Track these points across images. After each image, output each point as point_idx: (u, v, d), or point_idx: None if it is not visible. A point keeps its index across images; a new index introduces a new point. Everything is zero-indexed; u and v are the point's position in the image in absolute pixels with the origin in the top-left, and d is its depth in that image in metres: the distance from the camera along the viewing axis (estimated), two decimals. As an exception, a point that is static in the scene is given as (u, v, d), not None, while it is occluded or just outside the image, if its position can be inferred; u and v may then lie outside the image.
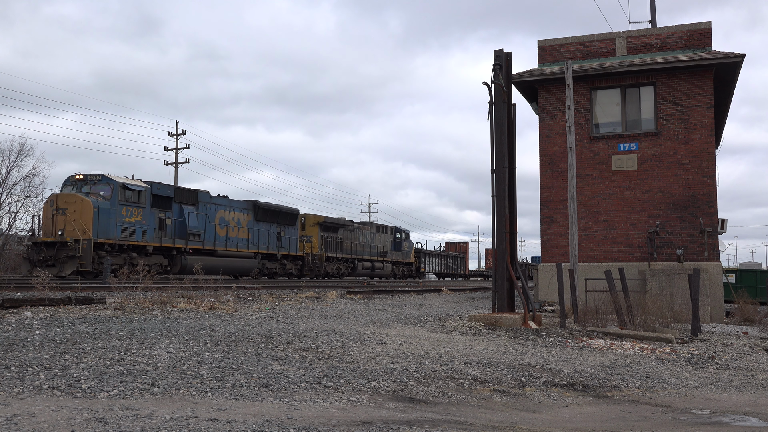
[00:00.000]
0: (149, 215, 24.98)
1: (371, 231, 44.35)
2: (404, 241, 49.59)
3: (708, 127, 17.58)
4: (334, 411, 4.48)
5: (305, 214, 37.33)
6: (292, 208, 34.79)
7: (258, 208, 31.30)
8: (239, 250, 29.53)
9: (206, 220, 27.78)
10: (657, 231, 17.52)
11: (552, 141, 18.82)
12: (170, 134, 48.63)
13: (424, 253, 56.72)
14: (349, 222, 41.26)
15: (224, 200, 29.41)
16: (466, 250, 72.49)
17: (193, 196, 27.39)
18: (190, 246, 26.59)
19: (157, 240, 25.17)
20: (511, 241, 12.47)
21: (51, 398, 4.36)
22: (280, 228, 33.01)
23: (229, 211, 29.52)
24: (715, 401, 5.95)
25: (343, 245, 39.78)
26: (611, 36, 19.38)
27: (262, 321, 10.13)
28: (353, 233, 41.33)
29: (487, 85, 12.54)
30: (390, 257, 46.52)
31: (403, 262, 49.51)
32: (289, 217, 33.83)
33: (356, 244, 41.38)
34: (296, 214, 34.76)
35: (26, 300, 11.12)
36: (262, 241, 31.29)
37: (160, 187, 25.70)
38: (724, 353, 9.30)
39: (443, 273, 62.12)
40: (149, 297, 12.32)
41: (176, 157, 48.35)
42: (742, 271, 28.60)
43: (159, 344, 6.95)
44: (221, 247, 28.41)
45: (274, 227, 32.39)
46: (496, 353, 7.86)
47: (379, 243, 45.08)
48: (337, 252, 38.88)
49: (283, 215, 33.31)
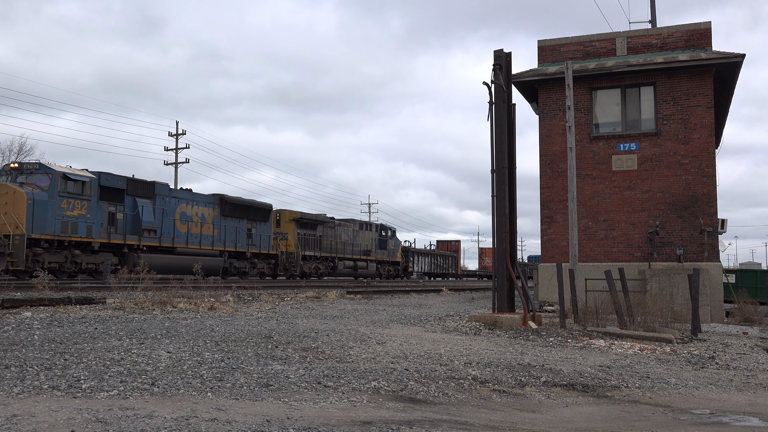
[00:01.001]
0: (96, 209, 22.70)
1: (354, 228, 42.37)
2: (390, 239, 47.71)
3: (708, 127, 17.58)
4: (334, 411, 4.48)
5: (280, 210, 35.63)
6: (264, 203, 32.58)
7: (225, 202, 29.24)
8: (202, 247, 27.33)
9: (164, 215, 25.55)
10: (657, 231, 17.52)
11: (552, 141, 18.81)
12: (170, 134, 48.68)
13: (412, 251, 54.95)
14: (329, 219, 39.44)
15: (186, 194, 27.44)
16: (458, 248, 70.83)
17: (149, 188, 25.21)
18: (145, 243, 24.34)
19: (105, 236, 22.83)
20: (511, 241, 12.47)
21: (51, 398, 4.36)
22: (251, 224, 30.83)
23: (192, 205, 27.39)
24: (715, 401, 5.95)
25: (323, 243, 37.82)
26: (611, 36, 19.38)
27: (262, 321, 10.13)
28: (334, 230, 39.39)
29: (487, 85, 12.54)
30: (375, 256, 44.54)
31: (389, 261, 47.53)
32: (261, 213, 31.65)
33: (337, 242, 39.46)
34: (269, 210, 32.52)
35: (26, 300, 11.12)
36: (230, 237, 29.20)
37: (109, 178, 23.48)
38: (724, 353, 9.30)
39: (433, 273, 60.02)
40: (149, 297, 12.32)
41: (176, 157, 48.37)
42: (742, 271, 28.59)
43: (159, 344, 6.95)
44: (181, 244, 26.17)
45: (243, 223, 30.27)
46: (496, 353, 7.85)
47: (362, 241, 43.12)
48: (315, 250, 36.91)
49: (254, 211, 31.20)
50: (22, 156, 46.88)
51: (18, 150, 47.68)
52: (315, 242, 36.94)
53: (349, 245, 41.02)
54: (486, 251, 79.17)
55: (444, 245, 69.99)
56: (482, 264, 78.79)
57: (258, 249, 31.15)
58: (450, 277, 64.17)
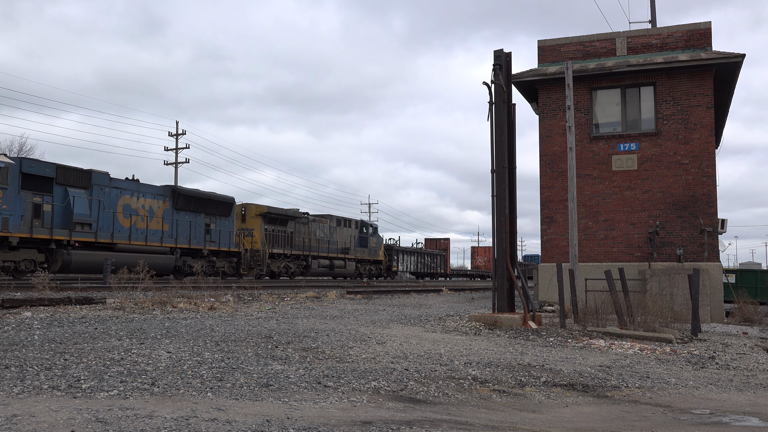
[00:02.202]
0: (15, 199, 19.98)
1: (330, 225, 39.73)
2: (371, 237, 44.74)
3: (708, 127, 17.58)
4: (334, 411, 4.48)
5: (245, 204, 33.25)
6: (225, 195, 30.07)
7: (178, 194, 26.78)
8: (149, 243, 24.60)
9: (101, 207, 22.91)
10: (657, 231, 17.52)
11: (552, 141, 18.82)
12: (170, 134, 48.71)
13: (397, 250, 51.93)
14: (302, 214, 36.83)
15: (131, 184, 24.72)
16: (448, 247, 67.40)
17: (84, 177, 22.46)
18: (77, 238, 21.60)
19: (26, 230, 20.11)
20: (511, 241, 12.47)
21: (51, 398, 4.36)
22: (210, 219, 28.32)
23: (138, 197, 24.75)
24: (715, 401, 5.95)
25: (294, 240, 35.16)
26: (611, 36, 19.38)
27: (262, 321, 10.13)
28: (307, 227, 36.74)
29: (487, 85, 12.54)
30: (354, 254, 41.77)
31: (371, 260, 44.61)
32: (221, 207, 29.08)
33: (311, 239, 36.84)
34: (231, 203, 30.00)
35: (26, 300, 11.13)
36: (183, 233, 26.62)
37: (34, 165, 21.05)
38: (724, 353, 9.30)
39: (420, 272, 56.70)
40: (149, 297, 12.32)
41: (176, 157, 48.40)
42: (742, 271, 28.58)
43: (159, 344, 6.95)
44: (122, 240, 23.50)
45: (201, 218, 27.76)
46: (496, 353, 7.85)
47: (340, 238, 40.46)
48: (285, 247, 34.14)
49: (214, 204, 28.60)
50: (22, 156, 46.83)
51: (18, 150, 47.68)
52: (285, 239, 34.41)
53: (325, 243, 38.54)
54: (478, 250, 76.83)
55: (432, 243, 66.87)
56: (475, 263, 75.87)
57: (217, 246, 28.50)
58: (438, 277, 61.05)
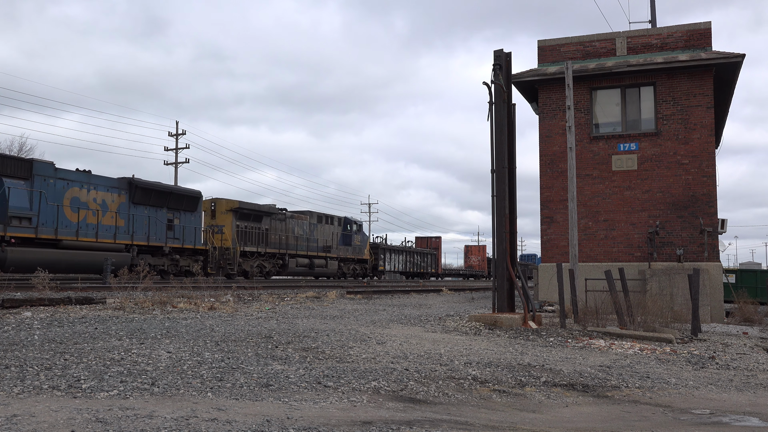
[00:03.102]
0: None
1: (311, 221, 37.74)
2: (356, 234, 42.61)
3: (708, 127, 17.58)
4: (334, 411, 4.48)
5: (215, 199, 31.27)
6: (191, 189, 28.04)
7: (136, 187, 24.59)
8: (100, 240, 22.44)
9: (42, 199, 20.88)
10: (657, 231, 17.52)
11: (552, 141, 18.82)
12: (170, 134, 48.73)
13: (384, 248, 50.02)
14: (279, 210, 34.78)
15: (81, 176, 22.68)
16: (439, 245, 64.90)
17: (23, 167, 20.67)
18: (14, 233, 19.69)
19: None
20: (511, 241, 12.47)
21: (51, 398, 4.36)
22: (173, 214, 26.30)
23: (89, 189, 22.66)
24: (715, 401, 5.95)
25: (270, 237, 33.21)
26: (611, 36, 19.38)
27: (262, 321, 10.13)
28: (284, 224, 34.79)
29: (487, 85, 12.54)
30: (337, 253, 39.87)
31: (355, 259, 42.55)
32: (186, 201, 27.01)
33: (288, 237, 34.84)
34: (197, 197, 27.91)
35: (26, 300, 11.12)
36: (142, 229, 24.54)
37: None
38: (724, 353, 9.30)
39: (409, 272, 54.68)
40: (149, 297, 12.32)
41: (176, 157, 48.42)
42: (742, 271, 28.58)
43: (159, 344, 6.95)
44: (69, 236, 21.44)
45: (163, 213, 25.75)
46: (496, 353, 7.85)
47: (321, 236, 38.53)
48: (259, 245, 32.32)
49: (177, 198, 26.59)
50: (22, 156, 46.83)
51: (18, 150, 47.69)
52: (260, 236, 32.56)
53: (304, 240, 36.58)
54: (472, 249, 74.98)
55: (423, 242, 64.78)
56: (468, 262, 74.30)
57: (181, 243, 26.44)
58: (429, 276, 58.84)
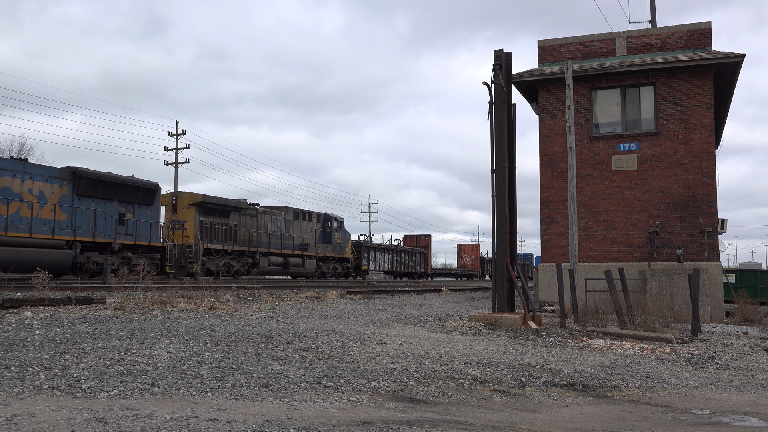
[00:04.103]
0: None
1: (286, 218, 35.38)
2: (336, 232, 40.16)
3: (708, 127, 17.58)
4: (334, 411, 4.48)
5: (177, 192, 29.03)
6: (147, 181, 25.55)
7: (80, 178, 22.27)
8: (35, 236, 20.30)
9: None
10: (657, 231, 17.52)
11: (552, 141, 18.82)
12: (170, 134, 48.74)
13: (368, 246, 47.58)
14: (249, 205, 32.60)
15: (14, 164, 20.81)
16: (428, 244, 62.50)
17: None
18: None
19: None
20: (511, 241, 12.47)
21: (51, 398, 4.36)
22: (126, 208, 23.99)
23: (23, 179, 20.57)
24: (715, 401, 5.95)
25: (239, 234, 30.99)
26: (611, 36, 19.39)
27: (262, 321, 10.13)
28: (255, 219, 32.48)
29: (487, 85, 12.54)
30: (315, 251, 37.51)
31: (335, 258, 40.21)
32: (141, 194, 24.67)
33: (260, 234, 32.55)
34: (154, 190, 25.58)
35: (26, 300, 11.12)
36: (87, 224, 22.27)
37: None
38: (724, 353, 9.30)
39: (396, 271, 52.10)
40: (149, 297, 12.32)
41: (176, 157, 48.43)
42: (742, 271, 28.59)
43: (159, 344, 6.95)
44: None
45: (113, 206, 23.42)
46: (496, 353, 7.85)
47: (297, 233, 36.07)
48: (227, 242, 30.02)
49: (130, 190, 24.20)
50: (22, 156, 46.83)
51: (18, 150, 47.69)
52: (227, 233, 30.31)
53: (278, 238, 34.17)
54: (465, 248, 72.74)
55: (412, 240, 62.31)
56: (461, 262, 71.92)
57: (134, 239, 24.16)
58: (417, 277, 56.27)
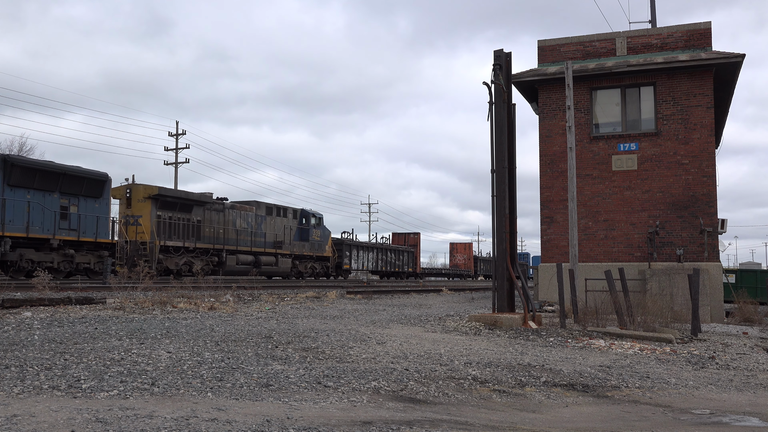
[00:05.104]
0: None
1: (257, 213, 33.21)
2: (314, 229, 37.84)
3: (708, 127, 17.59)
4: (334, 411, 4.48)
5: (132, 185, 26.67)
6: (94, 171, 23.42)
7: (12, 166, 20.30)
8: None
9: None
10: (657, 231, 17.52)
11: (552, 141, 18.82)
12: (170, 134, 48.73)
13: (350, 244, 45.15)
14: (216, 200, 30.47)
15: None
16: (418, 242, 59.89)
17: None
18: None
19: None
20: (511, 241, 12.47)
21: (51, 398, 4.36)
22: (69, 200, 21.99)
23: None
24: (715, 401, 5.95)
25: (203, 231, 28.87)
26: (611, 36, 19.39)
27: (262, 321, 10.13)
28: (222, 215, 30.35)
29: (487, 85, 12.54)
30: (290, 249, 35.31)
31: (313, 257, 37.88)
32: (87, 185, 22.56)
33: (228, 230, 30.55)
34: (103, 181, 23.48)
35: (26, 300, 11.12)
36: (20, 217, 20.43)
37: None
38: (724, 353, 9.30)
39: (381, 271, 49.88)
40: (149, 297, 12.32)
41: (176, 157, 48.42)
42: (742, 271, 28.60)
43: (159, 344, 6.95)
44: None
45: (54, 198, 21.51)
46: (496, 353, 7.86)
47: (270, 230, 33.96)
48: (188, 239, 27.84)
49: (74, 180, 22.06)
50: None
51: (18, 149, 47.71)
52: (189, 229, 28.15)
53: (248, 234, 32.12)
54: (458, 247, 70.67)
55: (400, 238, 60.03)
56: (453, 261, 69.81)
57: (78, 235, 22.09)
58: (405, 276, 53.96)
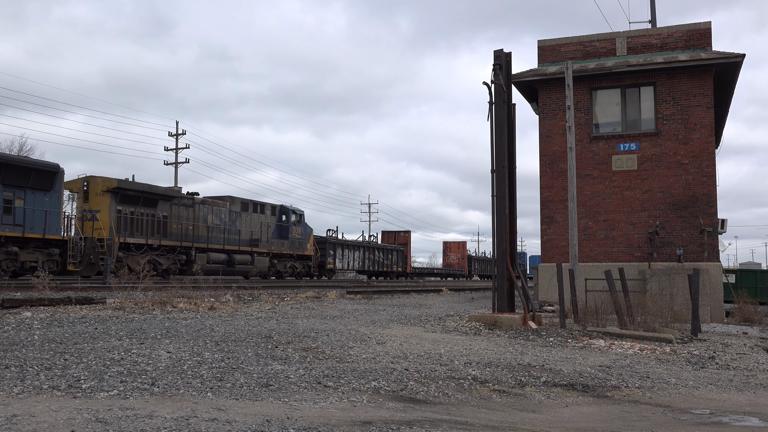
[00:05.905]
0: None
1: (232, 209, 31.49)
2: (295, 226, 36.12)
3: (708, 127, 17.58)
4: (334, 411, 4.48)
5: (89, 177, 24.77)
6: (43, 161, 22.53)
7: None
8: None
9: None
10: (657, 231, 17.52)
11: (552, 141, 18.82)
12: (170, 134, 48.72)
13: (334, 243, 43.29)
14: (185, 194, 28.75)
15: None
16: (408, 241, 58.29)
17: None
18: None
19: None
20: (511, 241, 12.47)
21: (51, 398, 4.36)
22: (14, 193, 20.68)
23: None
24: (715, 401, 5.95)
25: (169, 227, 27.19)
26: (611, 36, 19.38)
27: (262, 321, 10.13)
28: (192, 210, 28.55)
29: (487, 85, 12.54)
30: (268, 247, 33.63)
31: (293, 255, 36.11)
32: (35, 176, 21.20)
33: (198, 227, 28.72)
34: (54, 172, 22.08)
35: (26, 300, 11.12)
36: None
37: None
38: (724, 353, 9.30)
39: (368, 270, 48.30)
40: (149, 297, 12.32)
41: (176, 157, 48.41)
42: (742, 271, 28.60)
43: (159, 344, 6.95)
44: None
45: None
46: (496, 353, 7.86)
47: (246, 227, 32.22)
48: (152, 236, 26.26)
49: (19, 172, 20.80)
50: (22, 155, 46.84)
51: (18, 149, 47.71)
52: (153, 225, 26.55)
53: (221, 232, 30.39)
54: (451, 246, 69.20)
55: (389, 237, 58.48)
56: (447, 260, 68.89)
57: (23, 231, 20.77)
58: (395, 276, 52.40)
